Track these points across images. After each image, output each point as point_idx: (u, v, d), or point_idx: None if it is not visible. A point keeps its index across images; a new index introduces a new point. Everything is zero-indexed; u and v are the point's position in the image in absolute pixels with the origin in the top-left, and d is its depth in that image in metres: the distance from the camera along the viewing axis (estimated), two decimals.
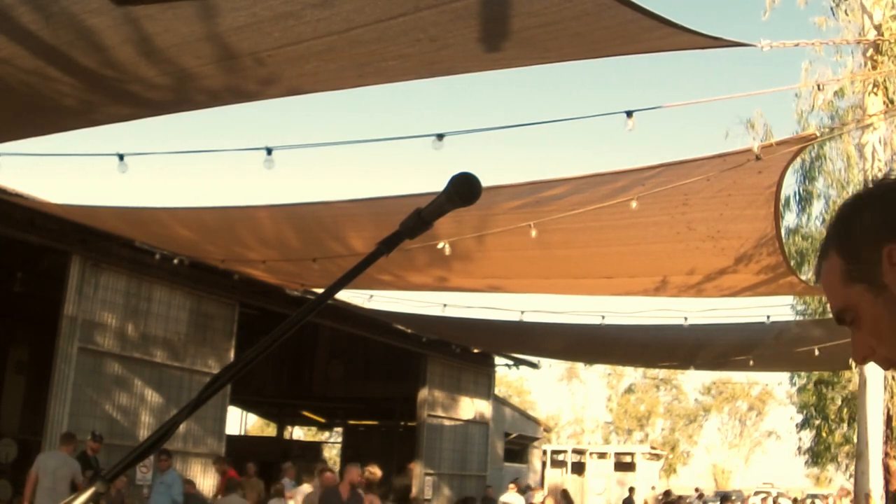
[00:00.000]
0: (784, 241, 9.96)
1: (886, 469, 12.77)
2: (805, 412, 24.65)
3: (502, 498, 16.68)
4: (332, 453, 33.84)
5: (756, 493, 28.57)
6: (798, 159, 11.32)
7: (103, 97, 5.40)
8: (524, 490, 18.17)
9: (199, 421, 12.56)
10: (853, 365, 12.06)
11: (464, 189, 1.29)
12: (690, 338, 12.69)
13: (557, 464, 31.75)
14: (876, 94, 8.43)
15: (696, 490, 28.83)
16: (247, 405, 25.65)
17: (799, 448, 25.33)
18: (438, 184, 1.28)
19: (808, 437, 24.90)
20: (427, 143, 5.83)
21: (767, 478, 39.12)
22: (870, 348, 1.22)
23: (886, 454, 12.79)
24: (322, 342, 20.98)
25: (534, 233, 7.08)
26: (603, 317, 12.19)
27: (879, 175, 8.52)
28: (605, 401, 56.46)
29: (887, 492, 12.90)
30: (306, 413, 27.36)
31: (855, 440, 10.87)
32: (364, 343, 17.96)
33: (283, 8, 4.08)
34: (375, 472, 9.52)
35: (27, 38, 4.50)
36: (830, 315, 1.28)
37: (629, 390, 55.48)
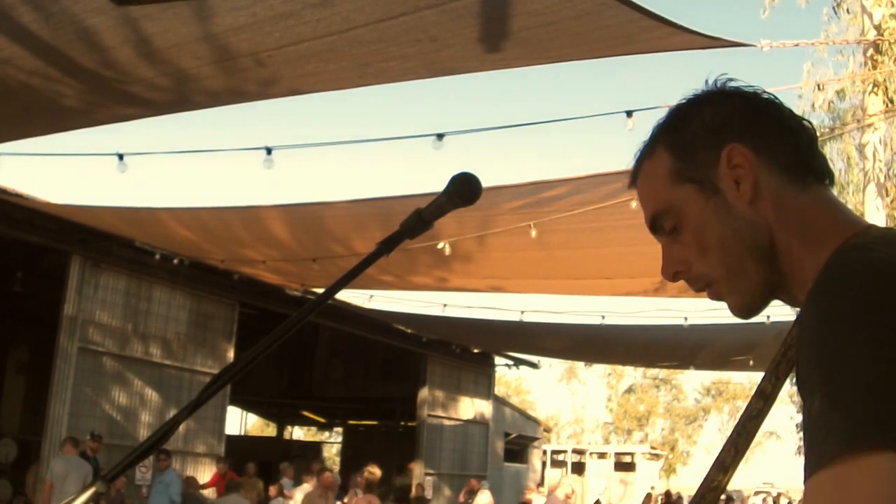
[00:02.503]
0: None
1: None
2: None
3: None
4: (332, 453, 33.85)
5: (756, 493, 28.57)
6: None
7: (103, 97, 5.40)
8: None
9: (199, 421, 12.56)
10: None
11: (464, 189, 1.29)
12: (690, 338, 12.70)
13: (557, 464, 31.76)
14: (876, 94, 8.42)
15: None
16: (247, 405, 25.65)
17: (799, 448, 25.33)
18: (438, 184, 1.28)
19: None
20: (427, 143, 5.84)
21: (767, 478, 39.16)
22: (685, 263, 1.09)
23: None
24: (322, 342, 20.98)
25: (534, 233, 7.08)
26: (603, 317, 12.20)
27: (880, 173, 8.52)
28: (605, 401, 56.51)
29: None
30: (306, 413, 27.36)
31: None
32: (364, 343, 17.96)
33: (283, 8, 4.08)
34: (375, 472, 9.52)
35: (27, 38, 4.50)
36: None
37: (629, 390, 55.49)
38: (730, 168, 1.03)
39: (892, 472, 0.75)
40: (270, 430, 35.12)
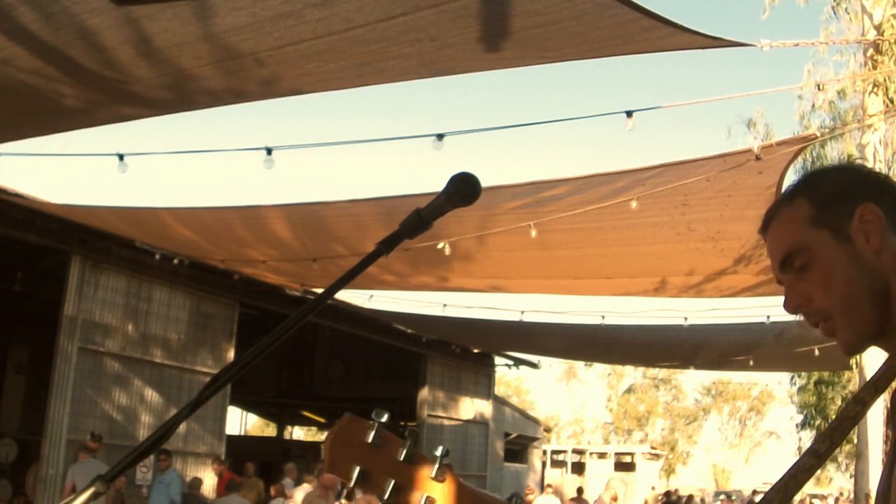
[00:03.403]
0: None
1: None
2: (805, 412, 24.67)
3: (538, 500, 16.69)
4: None
5: (756, 493, 28.54)
6: (799, 160, 11.31)
7: (104, 97, 5.40)
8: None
9: (199, 421, 12.56)
10: (853, 365, 12.04)
11: (464, 189, 1.29)
12: (690, 338, 12.70)
13: (557, 464, 31.77)
14: (876, 94, 8.42)
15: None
16: (247, 405, 25.66)
17: (799, 448, 25.36)
18: (438, 184, 1.28)
19: (808, 437, 24.92)
20: (427, 143, 5.84)
21: (767, 478, 39.12)
22: (808, 298, 1.25)
23: (886, 454, 12.79)
24: (322, 342, 20.98)
25: (534, 233, 7.08)
26: (603, 317, 12.20)
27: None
28: (604, 401, 56.51)
29: None
30: (306, 413, 27.36)
31: (855, 440, 10.87)
32: (364, 343, 17.96)
33: (283, 8, 4.08)
34: None
35: (27, 38, 4.50)
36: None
37: (629, 390, 55.50)
38: (861, 223, 1.22)
39: None
40: (270, 430, 35.14)
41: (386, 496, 1.14)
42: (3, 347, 15.96)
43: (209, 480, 12.36)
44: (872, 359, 8.38)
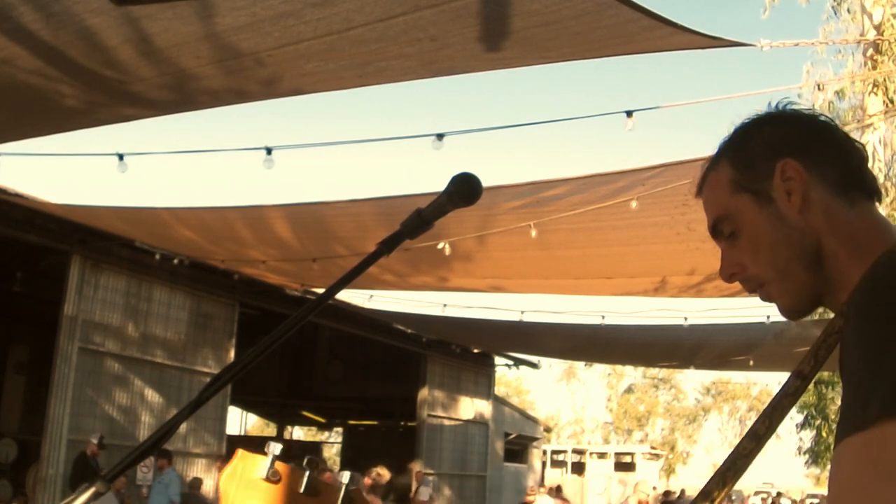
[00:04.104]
0: None
1: None
2: (805, 412, 24.67)
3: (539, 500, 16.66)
4: (332, 453, 33.85)
5: (756, 494, 28.55)
6: None
7: (104, 97, 5.40)
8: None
9: (200, 421, 12.56)
10: None
11: (464, 189, 1.29)
12: (690, 338, 12.70)
13: (557, 464, 31.76)
14: (876, 94, 8.42)
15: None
16: (247, 405, 25.65)
17: (799, 448, 25.38)
18: (438, 184, 1.28)
19: (808, 437, 24.95)
20: (427, 143, 5.84)
21: (767, 478, 39.13)
22: (741, 265, 1.20)
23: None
24: (322, 342, 20.98)
25: (534, 233, 7.08)
26: (603, 317, 12.20)
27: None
28: (604, 401, 56.51)
29: None
30: (306, 413, 27.35)
31: None
32: (364, 343, 17.96)
33: (283, 7, 4.08)
34: (383, 474, 9.48)
35: (28, 38, 4.50)
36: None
37: (629, 390, 55.49)
38: (783, 180, 1.15)
39: None
40: (270, 430, 35.14)
41: None
42: (3, 347, 15.96)
43: (209, 480, 12.36)
44: None
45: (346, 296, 13.34)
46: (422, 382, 18.37)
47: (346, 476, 1.14)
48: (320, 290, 3.16)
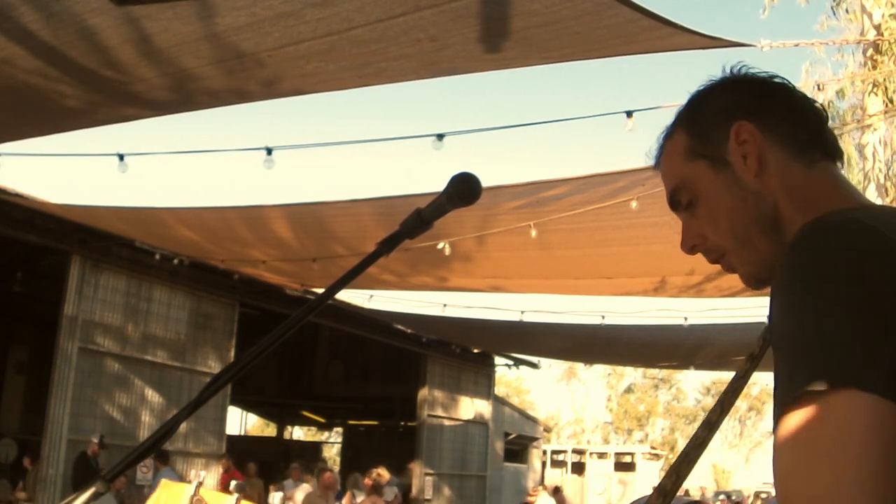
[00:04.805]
0: None
1: None
2: None
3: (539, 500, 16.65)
4: (332, 453, 33.85)
5: (756, 494, 28.52)
6: None
7: (104, 97, 5.40)
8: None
9: (199, 421, 12.55)
10: None
11: (464, 189, 1.29)
12: (690, 338, 12.70)
13: (557, 464, 31.75)
14: (876, 94, 8.42)
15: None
16: (247, 405, 25.66)
17: None
18: (438, 184, 1.28)
19: None
20: (427, 143, 5.84)
21: (767, 478, 39.13)
22: (701, 237, 1.16)
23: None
24: (322, 342, 20.98)
25: (534, 233, 7.08)
26: (603, 317, 12.20)
27: (880, 174, 8.52)
28: (604, 401, 56.50)
29: None
30: (306, 413, 27.35)
31: None
32: (364, 343, 17.96)
33: (283, 8, 4.08)
34: (383, 474, 9.50)
35: (28, 38, 4.50)
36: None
37: (629, 390, 55.49)
38: (738, 144, 1.11)
39: (863, 409, 0.81)
40: (270, 430, 35.13)
41: None
42: (3, 347, 15.96)
43: (210, 480, 12.36)
44: None
45: (346, 296, 13.34)
46: (422, 382, 18.37)
47: (233, 484, 1.14)
48: (320, 290, 3.16)
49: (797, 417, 0.85)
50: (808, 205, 1.06)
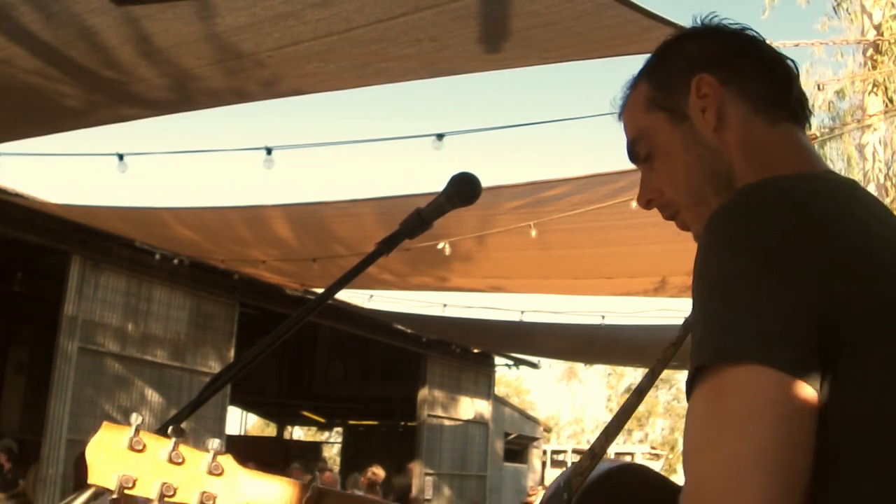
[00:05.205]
0: None
1: None
2: None
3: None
4: (332, 453, 33.85)
5: None
6: None
7: (104, 97, 5.40)
8: None
9: (199, 421, 12.55)
10: None
11: (464, 189, 1.29)
12: (690, 338, 12.68)
13: (557, 464, 31.74)
14: (876, 94, 8.42)
15: None
16: (247, 405, 25.65)
17: None
18: (438, 184, 1.29)
19: None
20: (427, 143, 5.85)
21: None
22: (658, 191, 1.12)
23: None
24: (322, 342, 20.98)
25: (534, 233, 7.08)
26: (603, 317, 12.20)
27: (880, 174, 8.52)
28: (604, 401, 56.48)
29: None
30: (306, 413, 27.35)
31: None
32: (364, 343, 17.96)
33: (283, 8, 4.08)
34: (379, 473, 9.52)
35: (27, 38, 4.50)
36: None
37: (629, 390, 55.40)
38: (698, 97, 1.07)
39: (766, 384, 0.81)
40: (270, 430, 35.13)
41: (156, 499, 1.10)
42: (3, 347, 15.96)
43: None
44: None
45: (346, 296, 13.34)
46: (422, 382, 18.36)
47: (215, 443, 1.14)
48: (320, 290, 3.16)
49: (704, 389, 0.85)
50: (764, 166, 1.01)
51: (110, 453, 1.11)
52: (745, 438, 0.80)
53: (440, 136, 5.81)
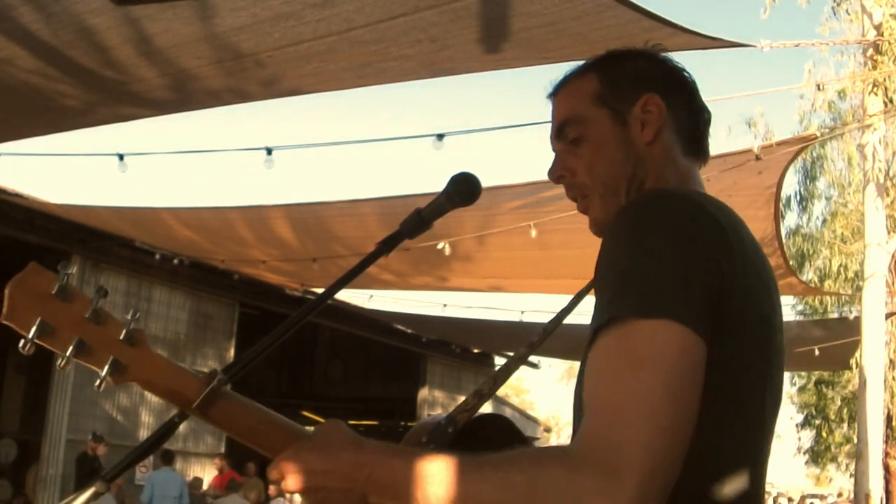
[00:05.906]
0: (784, 241, 9.95)
1: (886, 469, 12.76)
2: (805, 412, 24.63)
3: None
4: None
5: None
6: (799, 159, 11.30)
7: (104, 97, 5.40)
8: None
9: (199, 420, 12.56)
10: (853, 365, 12.06)
11: (464, 189, 1.29)
12: None
13: None
14: (876, 94, 8.41)
15: None
16: None
17: (799, 448, 25.30)
18: (438, 184, 1.29)
19: (808, 437, 24.88)
20: (427, 143, 5.85)
21: (768, 478, 39.12)
22: (572, 171, 1.27)
23: (886, 454, 12.78)
24: (322, 342, 20.98)
25: (534, 233, 7.08)
26: None
27: (880, 174, 8.52)
28: None
29: (887, 492, 12.90)
30: (306, 413, 27.35)
31: (855, 440, 10.86)
32: (364, 343, 17.96)
33: (283, 8, 4.08)
34: None
35: (27, 38, 4.50)
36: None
37: None
38: (643, 112, 1.22)
39: (678, 336, 0.97)
40: None
41: (68, 352, 1.08)
42: (3, 347, 15.95)
43: (209, 478, 12.36)
44: (871, 357, 8.38)
45: (346, 296, 13.34)
46: (422, 382, 18.37)
47: (132, 313, 1.12)
48: (320, 290, 3.16)
49: (617, 334, 0.98)
50: (669, 183, 1.22)
51: (35, 296, 1.05)
52: (659, 375, 0.95)
53: (440, 136, 5.81)
